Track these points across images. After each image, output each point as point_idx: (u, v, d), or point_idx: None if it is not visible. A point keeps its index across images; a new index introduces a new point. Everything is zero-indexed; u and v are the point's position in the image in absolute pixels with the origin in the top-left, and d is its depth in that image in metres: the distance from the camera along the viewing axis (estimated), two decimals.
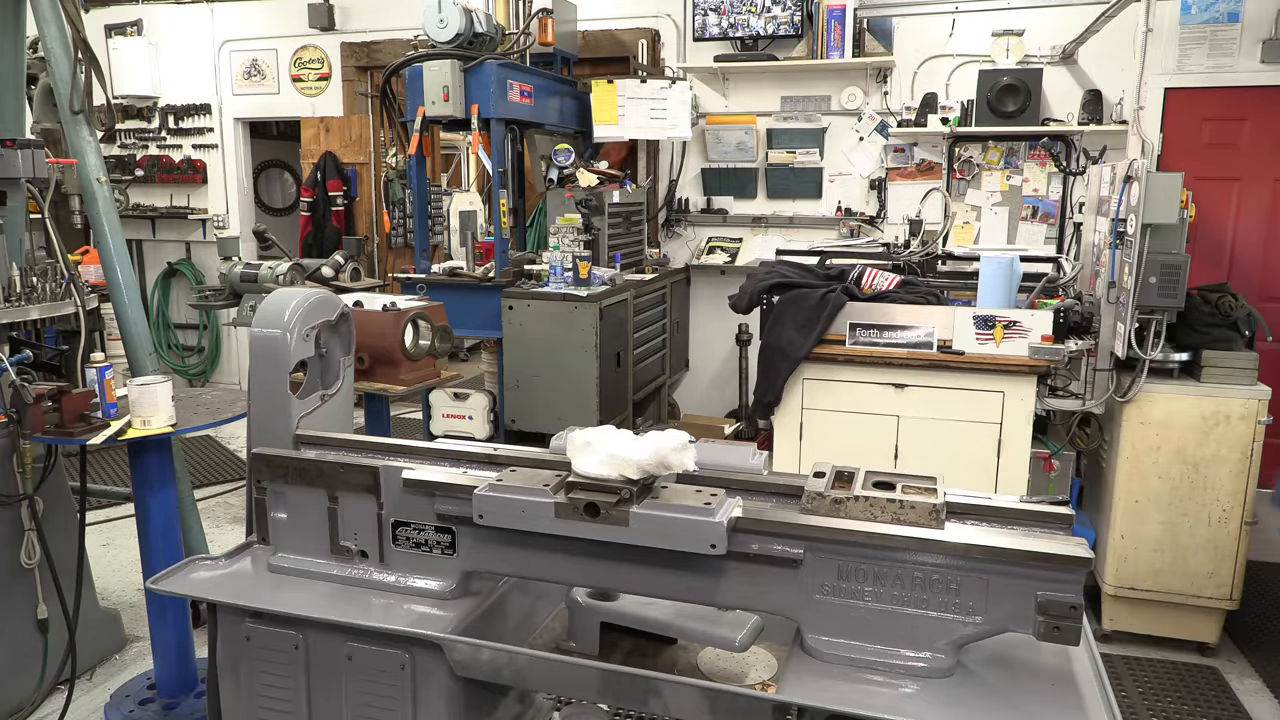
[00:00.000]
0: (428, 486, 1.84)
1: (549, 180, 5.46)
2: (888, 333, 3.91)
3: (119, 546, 4.46)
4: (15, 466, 2.80)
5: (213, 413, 2.93)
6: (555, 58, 5.56)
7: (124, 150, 7.60)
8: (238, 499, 5.18)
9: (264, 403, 2.09)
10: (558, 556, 1.75)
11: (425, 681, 1.79)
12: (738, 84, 6.00)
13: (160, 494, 2.89)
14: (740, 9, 5.66)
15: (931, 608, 1.56)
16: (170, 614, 2.95)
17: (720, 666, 1.89)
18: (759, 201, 6.11)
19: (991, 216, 5.65)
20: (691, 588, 1.69)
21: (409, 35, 5.70)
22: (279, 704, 1.91)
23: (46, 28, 3.23)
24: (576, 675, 1.74)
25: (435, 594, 1.88)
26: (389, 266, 6.75)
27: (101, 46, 6.87)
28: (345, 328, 2.28)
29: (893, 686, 1.55)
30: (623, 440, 1.67)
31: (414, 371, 3.41)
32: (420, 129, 4.78)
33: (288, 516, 2.00)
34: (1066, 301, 3.88)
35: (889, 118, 5.74)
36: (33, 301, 2.94)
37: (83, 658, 3.11)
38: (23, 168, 3.02)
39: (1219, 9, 5.10)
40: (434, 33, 4.68)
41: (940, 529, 1.56)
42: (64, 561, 3.00)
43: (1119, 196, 3.57)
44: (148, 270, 7.77)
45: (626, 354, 5.00)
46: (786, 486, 1.77)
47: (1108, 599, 3.72)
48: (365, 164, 7.03)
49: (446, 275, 4.89)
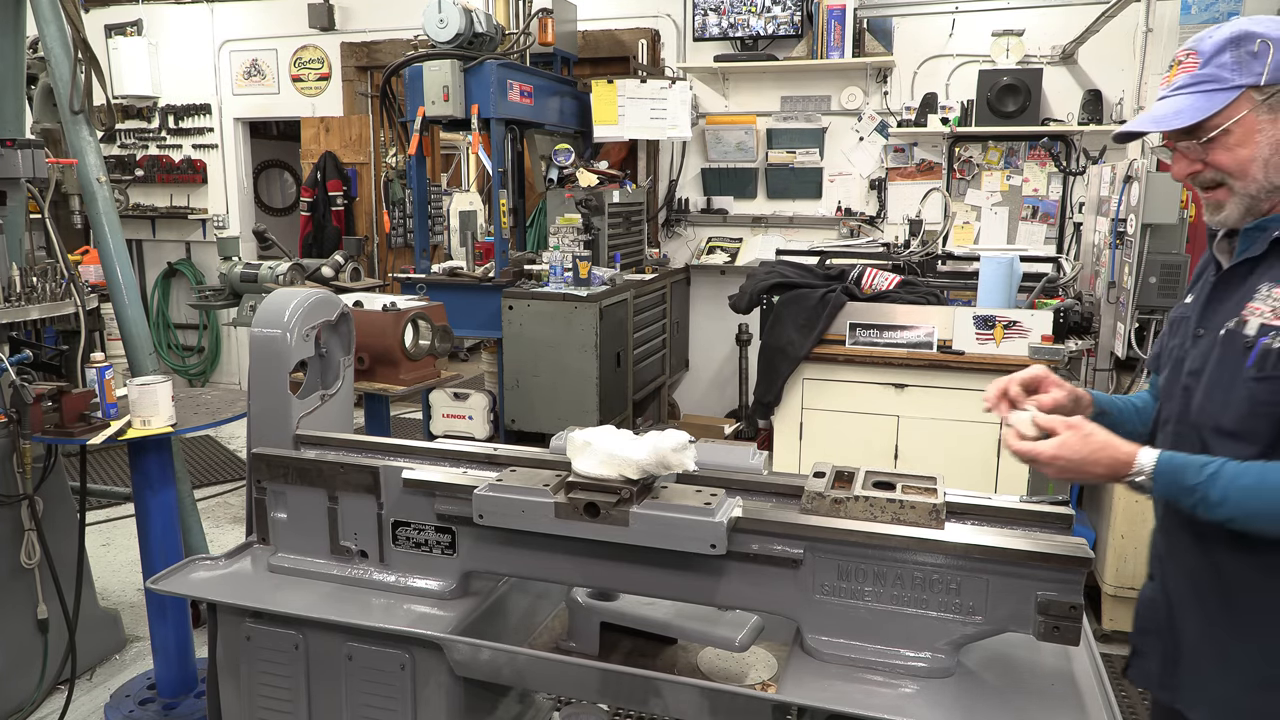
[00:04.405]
0: (428, 486, 1.84)
1: (549, 180, 5.46)
2: (888, 333, 3.91)
3: (119, 546, 4.46)
4: (15, 466, 2.80)
5: (213, 413, 2.93)
6: (555, 58, 5.56)
7: (124, 150, 7.60)
8: (238, 499, 5.18)
9: (264, 403, 2.09)
10: (558, 556, 1.75)
11: (425, 681, 1.79)
12: (738, 84, 6.00)
13: (160, 494, 2.89)
14: (740, 9, 5.66)
15: (931, 608, 1.56)
16: (170, 614, 2.95)
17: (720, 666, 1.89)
18: (759, 201, 6.11)
19: (991, 216, 5.65)
20: (691, 588, 1.69)
21: (409, 35, 5.70)
22: (279, 704, 1.91)
23: (46, 28, 3.23)
24: (576, 675, 1.74)
25: (435, 594, 1.88)
26: (389, 266, 6.75)
27: (101, 46, 6.87)
28: (345, 328, 2.28)
29: (893, 686, 1.55)
30: (623, 440, 1.67)
31: (414, 371, 3.41)
32: (420, 129, 4.78)
33: (288, 516, 2.00)
34: (1066, 301, 3.88)
35: (889, 118, 5.74)
36: (33, 301, 2.93)
37: (83, 658, 3.11)
38: (23, 168, 3.02)
39: (1219, 9, 5.10)
40: (434, 33, 4.68)
41: (940, 529, 1.56)
42: (64, 561, 3.00)
43: (1119, 196, 3.57)
44: (148, 270, 7.77)
45: (626, 354, 5.00)
46: (786, 486, 1.77)
47: (1107, 599, 3.72)
48: (365, 164, 7.03)
49: (446, 275, 4.89)
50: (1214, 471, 1.30)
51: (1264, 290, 1.34)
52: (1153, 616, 1.47)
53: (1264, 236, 1.37)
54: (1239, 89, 1.32)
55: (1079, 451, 1.36)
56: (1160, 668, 1.45)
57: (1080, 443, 1.37)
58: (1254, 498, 1.26)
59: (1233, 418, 1.33)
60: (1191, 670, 1.40)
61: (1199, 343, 1.43)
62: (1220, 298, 1.42)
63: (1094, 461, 1.36)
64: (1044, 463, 1.40)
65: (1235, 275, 1.41)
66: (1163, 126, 1.38)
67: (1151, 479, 1.34)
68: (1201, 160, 1.38)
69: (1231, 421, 1.33)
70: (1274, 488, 1.26)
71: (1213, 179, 1.39)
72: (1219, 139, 1.35)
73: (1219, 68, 1.34)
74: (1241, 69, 1.32)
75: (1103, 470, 1.37)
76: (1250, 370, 1.30)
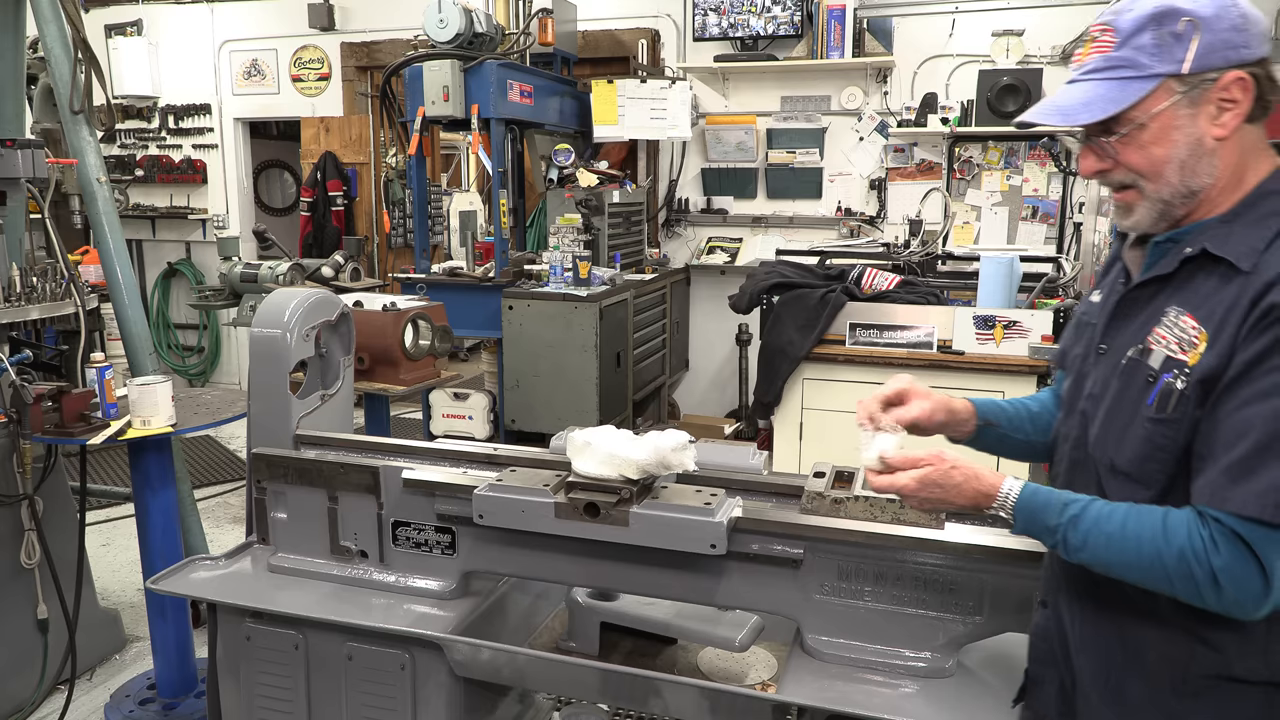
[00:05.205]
0: (428, 486, 1.84)
1: (549, 180, 5.46)
2: (888, 333, 3.91)
3: (119, 546, 4.46)
4: (15, 466, 2.80)
5: (213, 413, 2.93)
6: (555, 58, 5.56)
7: (124, 150, 7.59)
8: (238, 499, 5.18)
9: (264, 403, 2.09)
10: (558, 556, 1.75)
11: (425, 681, 1.79)
12: (738, 84, 6.00)
13: (160, 494, 2.89)
14: (740, 9, 5.66)
15: (931, 608, 1.57)
16: (170, 614, 2.95)
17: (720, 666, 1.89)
18: (759, 201, 6.11)
19: (991, 216, 5.65)
20: (691, 588, 1.70)
21: (409, 35, 5.70)
22: (279, 704, 1.91)
23: (46, 28, 3.23)
24: (576, 675, 1.74)
25: (435, 594, 1.88)
26: (389, 266, 6.75)
27: (101, 46, 6.87)
28: (345, 328, 2.28)
29: (893, 686, 1.55)
30: (623, 440, 1.67)
31: (414, 371, 3.41)
32: (420, 129, 4.78)
33: (288, 516, 2.00)
34: (1066, 301, 3.88)
35: (889, 118, 5.73)
36: (33, 301, 2.93)
37: (83, 658, 3.11)
38: (23, 168, 3.02)
39: None
40: (434, 33, 4.68)
41: (940, 529, 1.56)
42: (64, 561, 3.00)
43: None
44: (148, 270, 7.76)
45: (626, 354, 5.00)
46: (786, 486, 1.77)
47: None
48: (365, 164, 7.02)
49: (446, 275, 4.89)
50: (1076, 515, 1.18)
51: (1171, 315, 1.18)
52: (1048, 648, 1.35)
53: (1175, 252, 1.21)
54: (1158, 78, 1.16)
55: (941, 485, 1.28)
56: (1057, 698, 1.33)
57: (942, 476, 1.28)
58: (1113, 548, 1.15)
59: (1128, 458, 1.20)
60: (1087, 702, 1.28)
61: (1101, 361, 1.29)
62: (1126, 314, 1.27)
63: (958, 494, 1.27)
64: (905, 497, 1.31)
65: (1144, 291, 1.25)
66: (1070, 121, 1.23)
67: (1013, 516, 1.24)
68: (1113, 158, 1.22)
69: (1126, 462, 1.20)
70: (1135, 539, 1.13)
71: (1123, 180, 1.23)
72: (1132, 135, 1.19)
73: (1137, 50, 1.17)
74: (1162, 53, 1.15)
75: (966, 502, 1.28)
76: (1150, 409, 1.17)
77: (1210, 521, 1.10)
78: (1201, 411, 1.14)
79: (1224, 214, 1.20)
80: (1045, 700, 1.36)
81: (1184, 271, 1.20)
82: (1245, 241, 1.15)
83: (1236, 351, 1.10)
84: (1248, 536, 1.07)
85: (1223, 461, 1.10)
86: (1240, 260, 1.14)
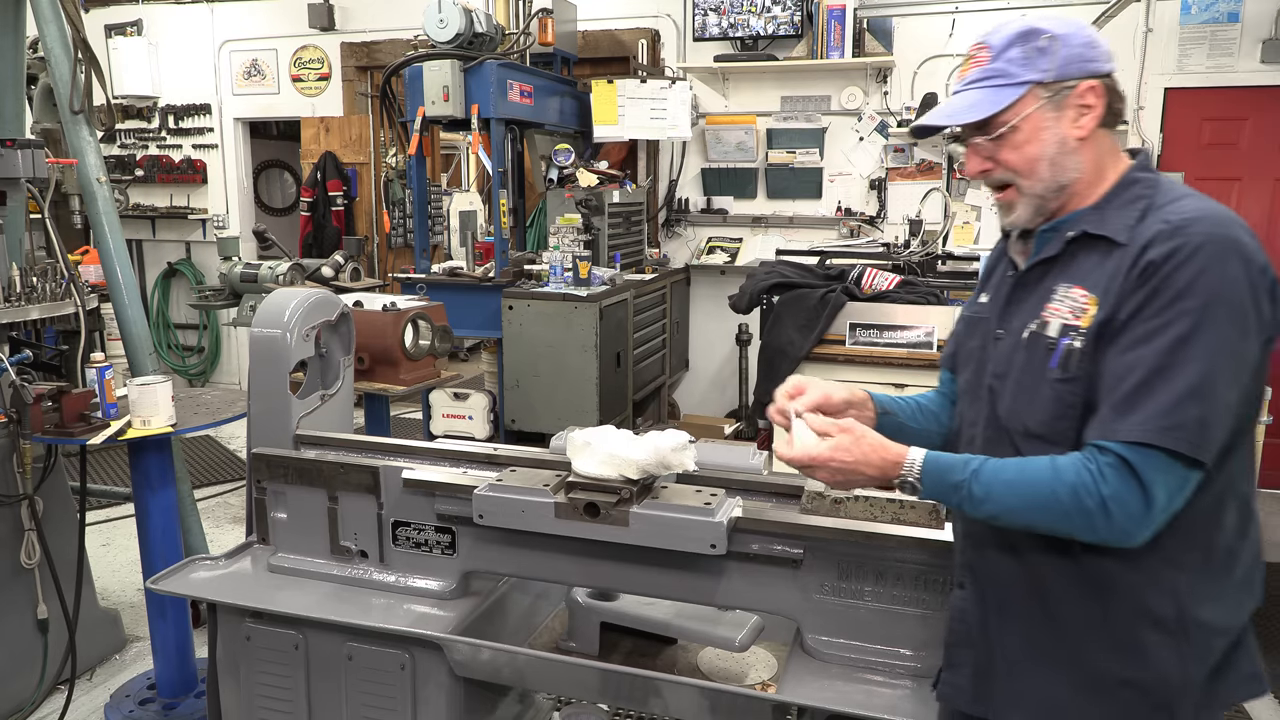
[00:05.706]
0: (428, 486, 1.84)
1: (549, 180, 5.46)
2: (887, 333, 3.91)
3: (119, 546, 4.46)
4: (15, 466, 2.80)
5: (213, 413, 2.93)
6: (555, 58, 5.56)
7: (124, 150, 7.59)
8: (238, 499, 5.18)
9: (264, 403, 2.09)
10: (558, 556, 1.75)
11: (425, 681, 1.79)
12: (738, 84, 6.00)
13: (160, 494, 2.89)
14: (740, 9, 5.66)
15: (931, 608, 1.57)
16: (170, 614, 2.95)
17: (720, 666, 1.89)
18: (759, 201, 6.11)
19: (992, 216, 5.65)
20: (691, 588, 1.70)
21: (409, 35, 5.70)
22: (279, 704, 1.91)
23: (46, 28, 3.23)
24: (576, 675, 1.74)
25: (435, 594, 1.88)
26: (389, 266, 6.75)
27: (101, 46, 6.87)
28: (345, 328, 2.28)
29: (893, 686, 1.55)
30: (623, 440, 1.67)
31: (414, 371, 3.42)
32: (420, 129, 4.78)
33: (288, 516, 2.00)
34: None
35: (889, 118, 5.73)
36: (33, 301, 2.93)
37: (83, 658, 3.11)
38: (23, 168, 3.02)
39: (1219, 9, 5.10)
40: (434, 33, 4.68)
41: (940, 529, 1.56)
42: (64, 561, 3.00)
43: None
44: (148, 270, 7.76)
45: (626, 354, 5.00)
46: (786, 486, 1.77)
47: None
48: (365, 164, 7.02)
49: (446, 275, 4.89)
50: (977, 468, 1.27)
51: (1061, 290, 1.31)
52: (964, 628, 1.40)
53: (1058, 237, 1.35)
54: (1025, 84, 1.32)
55: (851, 453, 1.33)
56: (972, 680, 1.38)
57: (853, 444, 1.34)
58: (1013, 492, 1.24)
59: (1039, 420, 1.30)
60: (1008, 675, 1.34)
61: (999, 344, 1.40)
62: (1018, 299, 1.39)
63: (866, 463, 1.33)
64: (819, 465, 1.35)
65: (1031, 276, 1.39)
66: (955, 120, 1.37)
67: (920, 479, 1.31)
68: (992, 159, 1.37)
69: (1038, 424, 1.30)
70: (1033, 482, 1.23)
71: (1002, 179, 1.37)
72: (1008, 136, 1.34)
73: (1008, 62, 1.33)
74: (1029, 64, 1.32)
75: (875, 471, 1.34)
76: (1054, 371, 1.28)
77: (1098, 454, 1.21)
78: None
79: (1094, 204, 1.35)
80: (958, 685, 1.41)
81: (1067, 253, 1.34)
82: (1119, 220, 1.31)
83: (1121, 306, 1.24)
84: (1133, 460, 1.18)
85: (1110, 399, 1.22)
86: (1118, 235, 1.29)
